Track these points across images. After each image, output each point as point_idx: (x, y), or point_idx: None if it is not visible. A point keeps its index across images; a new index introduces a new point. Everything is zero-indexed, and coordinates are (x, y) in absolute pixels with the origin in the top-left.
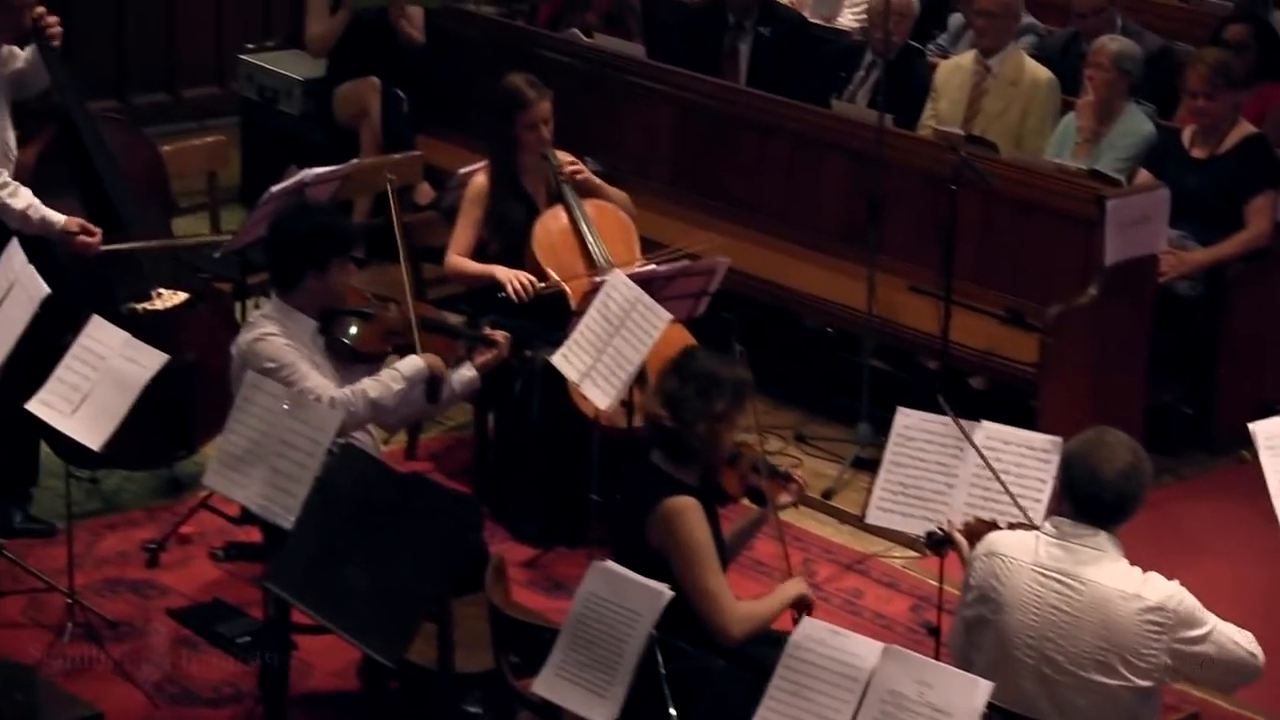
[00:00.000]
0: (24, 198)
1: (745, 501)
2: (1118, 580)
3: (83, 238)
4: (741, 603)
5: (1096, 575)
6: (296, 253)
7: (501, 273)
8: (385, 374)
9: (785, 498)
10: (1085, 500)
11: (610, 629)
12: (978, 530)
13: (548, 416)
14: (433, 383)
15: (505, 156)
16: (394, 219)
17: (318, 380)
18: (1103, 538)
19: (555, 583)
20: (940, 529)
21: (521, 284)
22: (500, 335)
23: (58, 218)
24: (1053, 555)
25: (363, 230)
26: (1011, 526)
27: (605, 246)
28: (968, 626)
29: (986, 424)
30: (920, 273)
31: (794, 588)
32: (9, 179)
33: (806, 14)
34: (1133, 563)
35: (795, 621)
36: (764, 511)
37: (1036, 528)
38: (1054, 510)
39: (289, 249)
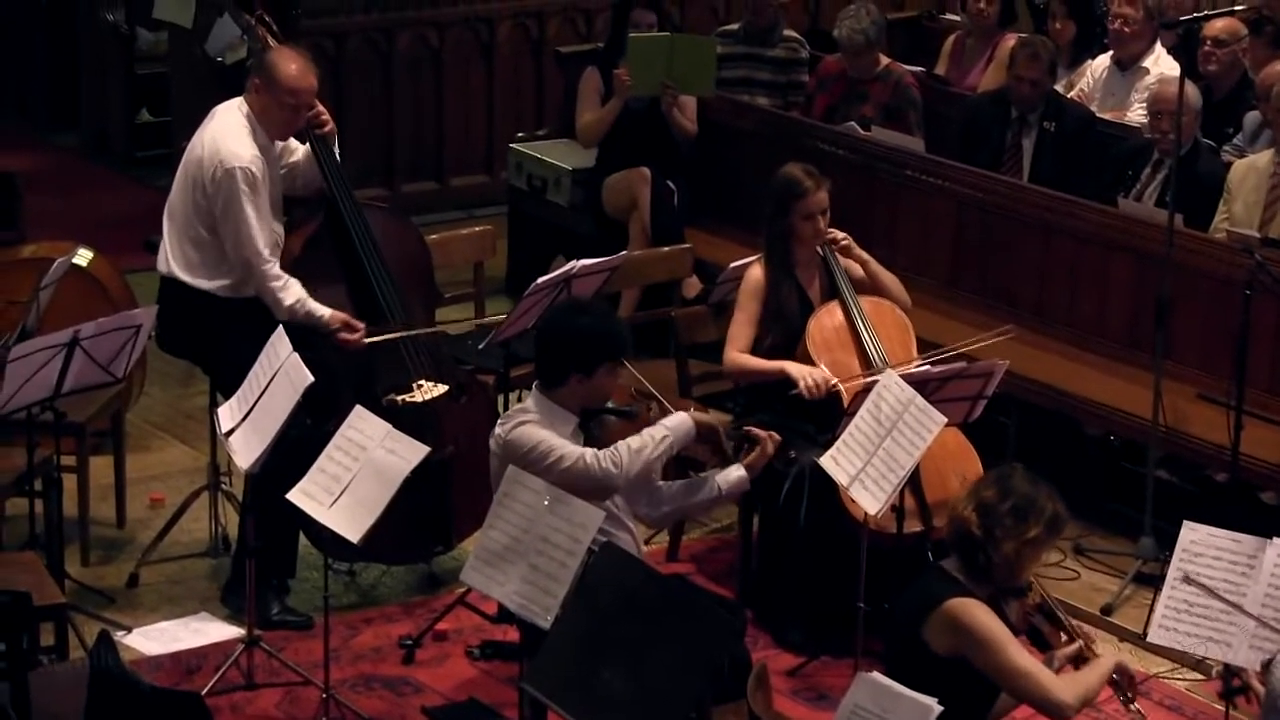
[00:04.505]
0: (294, 292)
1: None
2: None
3: (344, 334)
4: (1060, 676)
5: None
6: (564, 355)
7: (794, 369)
8: (647, 430)
9: (1069, 650)
10: None
11: None
12: None
13: (815, 520)
14: (710, 437)
15: (780, 248)
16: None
17: (575, 446)
18: None
19: (819, 693)
20: (1238, 677)
21: (815, 382)
22: (763, 433)
23: (324, 312)
24: None
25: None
26: None
27: (881, 345)
28: None
29: (1278, 542)
30: (1210, 380)
31: (1111, 659)
32: (281, 272)
33: (1094, 109)
34: None
35: (1126, 703)
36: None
37: None
38: None
39: (557, 349)
